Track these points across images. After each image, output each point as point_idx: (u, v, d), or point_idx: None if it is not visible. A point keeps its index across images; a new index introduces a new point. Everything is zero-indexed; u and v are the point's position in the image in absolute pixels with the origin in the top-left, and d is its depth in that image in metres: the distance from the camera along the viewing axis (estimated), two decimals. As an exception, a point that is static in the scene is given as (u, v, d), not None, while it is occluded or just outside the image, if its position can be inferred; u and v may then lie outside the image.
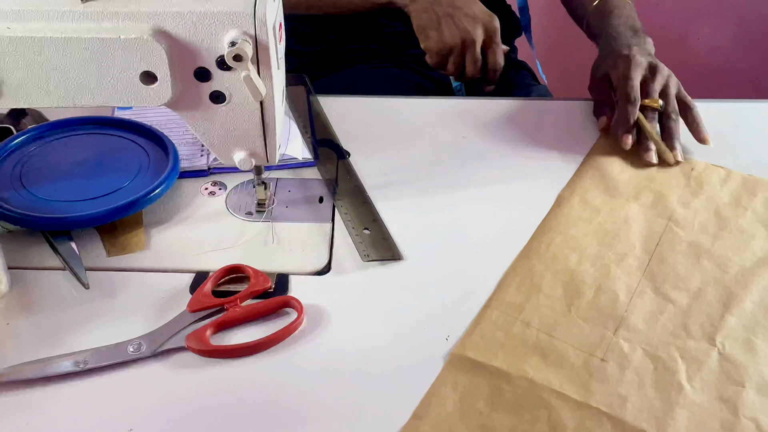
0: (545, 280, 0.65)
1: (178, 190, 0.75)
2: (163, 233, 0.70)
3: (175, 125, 0.82)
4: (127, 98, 0.58)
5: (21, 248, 0.68)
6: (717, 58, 1.96)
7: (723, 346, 0.60)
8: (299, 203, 0.75)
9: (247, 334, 0.61)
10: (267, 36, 0.56)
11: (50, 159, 0.76)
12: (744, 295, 0.64)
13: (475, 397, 0.55)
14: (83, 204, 0.70)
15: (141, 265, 0.67)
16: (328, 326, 0.62)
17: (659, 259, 0.68)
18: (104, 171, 0.74)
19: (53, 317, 0.62)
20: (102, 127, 0.80)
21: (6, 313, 0.62)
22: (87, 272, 0.65)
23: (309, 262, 0.68)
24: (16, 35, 0.55)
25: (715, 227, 0.72)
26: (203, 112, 0.61)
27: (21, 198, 0.70)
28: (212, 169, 0.78)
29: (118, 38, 0.55)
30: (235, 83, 0.59)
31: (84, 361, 0.57)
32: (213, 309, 0.62)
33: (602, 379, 0.56)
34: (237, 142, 0.64)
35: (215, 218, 0.72)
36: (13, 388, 0.56)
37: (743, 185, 0.78)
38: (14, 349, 0.59)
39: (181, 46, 0.57)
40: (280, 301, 0.63)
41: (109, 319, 0.62)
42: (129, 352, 0.58)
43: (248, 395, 0.56)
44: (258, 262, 0.66)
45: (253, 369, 0.58)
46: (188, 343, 0.59)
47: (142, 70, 0.57)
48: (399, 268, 0.67)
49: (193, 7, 0.55)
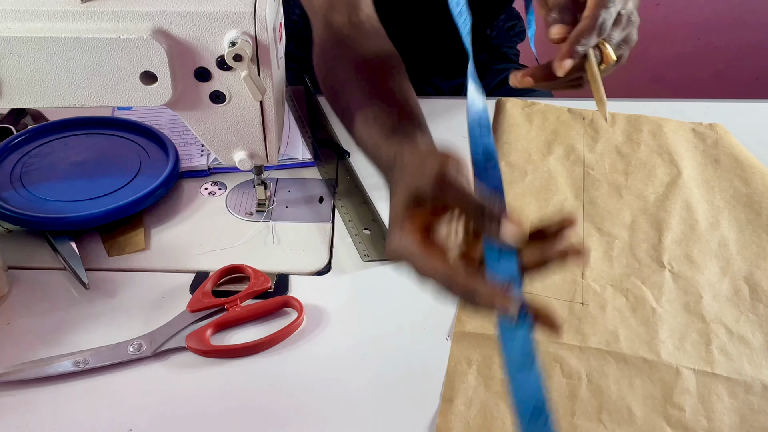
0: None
1: (178, 190, 0.75)
2: (163, 233, 0.70)
3: (175, 125, 0.82)
4: (127, 98, 0.58)
5: (21, 248, 0.68)
6: (717, 58, 1.96)
7: (671, 265, 0.68)
8: (299, 203, 0.75)
9: (247, 334, 0.61)
10: (267, 36, 0.56)
11: (50, 159, 0.76)
12: (668, 217, 0.73)
13: (489, 366, 0.58)
14: (83, 204, 0.70)
15: (141, 265, 0.67)
16: (328, 326, 0.62)
17: (590, 202, 0.75)
18: (104, 171, 0.74)
19: (53, 317, 0.62)
20: (102, 127, 0.80)
21: (6, 313, 0.62)
22: (87, 272, 0.65)
23: (309, 262, 0.68)
24: (16, 35, 0.55)
25: (622, 164, 0.80)
26: (203, 112, 0.61)
27: (21, 198, 0.70)
28: (212, 169, 0.78)
29: (118, 38, 0.55)
30: (235, 83, 0.59)
31: (84, 361, 0.57)
32: (213, 309, 0.62)
33: (590, 322, 0.62)
34: (237, 142, 0.64)
35: (215, 218, 0.72)
36: (13, 388, 0.56)
37: (628, 123, 0.86)
38: (14, 349, 0.59)
39: (181, 46, 0.57)
40: (280, 301, 0.63)
41: (109, 319, 0.62)
42: (129, 352, 0.58)
43: (248, 395, 0.56)
44: (258, 262, 0.66)
45: (253, 369, 0.58)
46: (188, 343, 0.59)
47: (142, 70, 0.57)
48: (399, 268, 0.67)
49: (193, 7, 0.55)
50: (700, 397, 0.57)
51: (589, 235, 0.71)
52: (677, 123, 0.86)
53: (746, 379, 0.58)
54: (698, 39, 1.96)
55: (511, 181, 0.77)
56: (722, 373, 0.58)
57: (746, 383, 0.58)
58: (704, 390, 0.57)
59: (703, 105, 0.88)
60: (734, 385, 0.57)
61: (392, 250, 0.51)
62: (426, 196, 0.50)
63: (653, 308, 0.63)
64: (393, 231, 0.51)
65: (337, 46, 0.74)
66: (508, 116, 0.86)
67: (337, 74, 0.72)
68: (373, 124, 0.63)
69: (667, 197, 0.75)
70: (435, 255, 0.48)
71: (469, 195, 0.49)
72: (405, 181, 0.52)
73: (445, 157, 0.52)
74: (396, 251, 0.50)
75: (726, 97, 1.00)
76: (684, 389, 0.57)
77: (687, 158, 0.80)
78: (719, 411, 0.56)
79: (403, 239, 0.50)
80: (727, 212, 0.74)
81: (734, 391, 0.57)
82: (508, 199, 0.74)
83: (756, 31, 1.92)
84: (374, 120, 0.64)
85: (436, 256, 0.48)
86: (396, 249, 0.50)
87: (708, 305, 0.64)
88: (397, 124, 0.62)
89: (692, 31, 1.94)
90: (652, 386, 0.57)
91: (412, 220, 0.51)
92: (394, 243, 0.50)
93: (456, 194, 0.49)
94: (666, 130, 0.84)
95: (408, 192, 0.51)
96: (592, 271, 0.67)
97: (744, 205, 0.74)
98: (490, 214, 0.48)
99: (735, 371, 0.58)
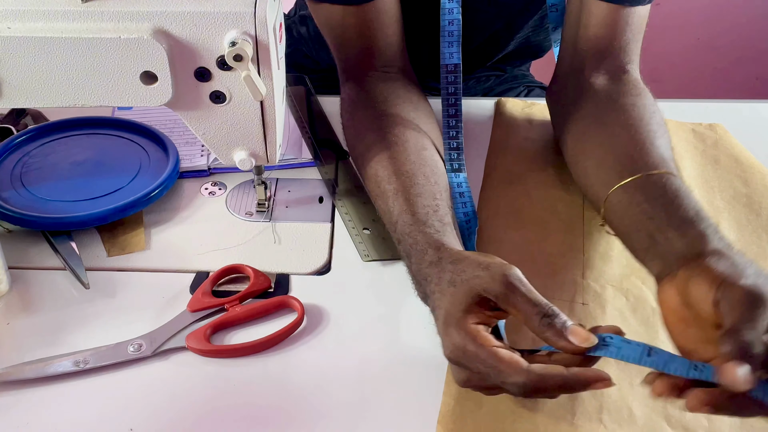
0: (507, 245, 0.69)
1: (178, 190, 0.75)
2: (163, 233, 0.70)
3: (175, 125, 0.82)
4: (127, 98, 0.58)
5: (21, 248, 0.68)
6: (717, 58, 1.96)
7: None
8: (299, 203, 0.75)
9: (247, 334, 0.61)
10: (267, 36, 0.56)
11: (50, 159, 0.76)
12: None
13: None
14: (83, 204, 0.70)
15: (141, 265, 0.67)
16: (328, 326, 0.62)
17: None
18: (104, 171, 0.74)
19: (53, 317, 0.62)
20: (102, 127, 0.80)
21: (6, 313, 0.62)
22: (87, 272, 0.65)
23: (309, 262, 0.68)
24: (16, 35, 0.55)
25: None
26: (203, 112, 0.61)
27: (21, 198, 0.70)
28: (212, 169, 0.78)
29: (118, 38, 0.55)
30: (235, 83, 0.59)
31: (84, 361, 0.57)
32: (213, 309, 0.62)
33: (591, 322, 0.61)
34: (237, 142, 0.64)
35: (215, 218, 0.72)
36: (13, 388, 0.56)
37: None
38: (14, 349, 0.59)
39: (182, 46, 0.57)
40: (280, 301, 0.63)
41: (109, 319, 0.62)
42: (129, 352, 0.58)
43: (248, 395, 0.56)
44: (258, 262, 0.66)
45: (253, 369, 0.58)
46: (188, 343, 0.59)
47: (142, 70, 0.57)
48: (399, 268, 0.67)
49: (193, 7, 0.55)
50: None
51: (590, 235, 0.71)
52: (677, 123, 0.86)
53: None
54: (698, 39, 1.96)
55: (510, 182, 0.77)
56: None
57: None
58: None
59: (703, 105, 0.88)
60: None
61: (460, 348, 0.50)
62: (494, 296, 0.50)
63: (653, 308, 0.63)
64: (459, 328, 0.50)
65: (366, 109, 0.73)
66: (507, 116, 0.86)
67: (364, 141, 0.71)
68: (399, 204, 0.62)
69: None
70: (514, 359, 0.48)
71: (537, 301, 0.49)
72: (469, 281, 0.52)
73: (505, 263, 0.52)
74: (464, 350, 0.49)
75: (726, 97, 1.00)
76: None
77: (687, 158, 0.80)
78: None
79: (478, 339, 0.49)
80: (727, 212, 0.74)
81: None
82: (508, 197, 0.74)
83: (756, 31, 1.92)
84: (401, 200, 0.63)
85: (515, 360, 0.48)
86: (464, 347, 0.49)
87: None
88: (428, 215, 0.61)
89: (692, 31, 1.94)
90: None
91: (475, 318, 0.51)
92: (464, 341, 0.49)
93: (523, 298, 0.49)
94: None
95: (474, 290, 0.51)
96: (592, 271, 0.67)
97: (744, 206, 0.74)
98: (555, 324, 0.48)
99: None
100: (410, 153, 0.67)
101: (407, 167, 0.65)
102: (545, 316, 0.49)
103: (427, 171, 0.65)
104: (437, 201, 0.63)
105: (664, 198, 0.59)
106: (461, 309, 0.51)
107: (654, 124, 0.67)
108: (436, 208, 0.62)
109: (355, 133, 0.74)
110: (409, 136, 0.68)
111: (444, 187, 0.66)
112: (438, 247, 0.57)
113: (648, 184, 0.60)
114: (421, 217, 0.60)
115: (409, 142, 0.68)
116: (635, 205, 0.60)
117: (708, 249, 0.52)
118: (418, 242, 0.59)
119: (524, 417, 0.54)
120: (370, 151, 0.69)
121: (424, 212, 0.61)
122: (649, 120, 0.67)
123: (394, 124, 0.70)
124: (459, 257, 0.55)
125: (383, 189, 0.65)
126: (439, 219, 0.61)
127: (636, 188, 0.61)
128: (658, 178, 0.60)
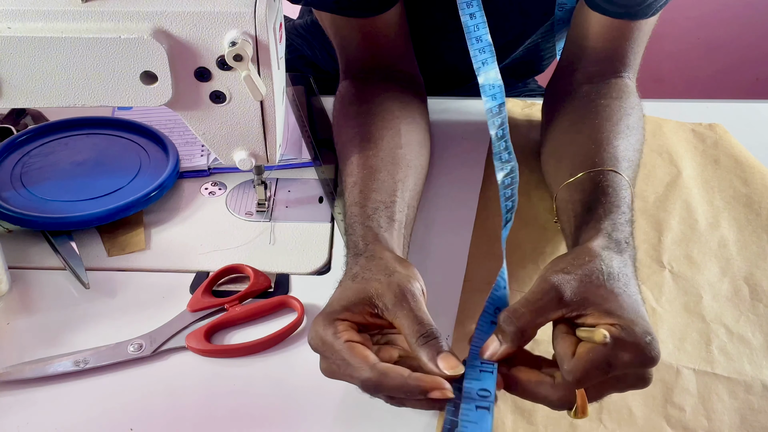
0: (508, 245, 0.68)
1: (178, 190, 0.75)
2: (163, 233, 0.70)
3: (175, 125, 0.82)
4: (127, 98, 0.58)
5: (21, 248, 0.68)
6: (717, 58, 1.96)
7: (671, 265, 0.68)
8: (299, 203, 0.75)
9: (247, 334, 0.61)
10: (267, 36, 0.56)
11: (50, 159, 0.76)
12: (668, 217, 0.73)
13: None
14: (83, 204, 0.70)
15: (141, 265, 0.67)
16: (328, 326, 0.61)
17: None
18: (104, 171, 0.74)
19: (53, 317, 0.62)
20: (102, 127, 0.80)
21: (6, 313, 0.62)
22: (87, 272, 0.65)
23: (309, 262, 0.68)
24: (16, 35, 0.55)
25: None
26: (203, 112, 0.61)
27: (21, 198, 0.70)
28: (212, 169, 0.78)
29: (118, 38, 0.55)
30: (235, 83, 0.59)
31: (84, 360, 0.57)
32: (213, 309, 0.62)
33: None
34: (237, 142, 0.64)
35: (215, 218, 0.72)
36: (13, 388, 0.56)
37: None
38: (14, 349, 0.59)
39: (182, 46, 0.57)
40: (280, 301, 0.63)
41: (109, 319, 0.62)
42: (129, 352, 0.58)
43: (248, 395, 0.56)
44: (258, 262, 0.66)
45: (253, 369, 0.58)
46: (188, 343, 0.59)
47: (142, 70, 0.57)
48: (399, 268, 0.67)
49: (193, 7, 0.55)
50: (701, 397, 0.57)
51: None
52: (677, 123, 0.86)
53: (746, 378, 0.58)
54: (698, 39, 1.96)
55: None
56: (722, 373, 0.58)
57: (746, 383, 0.58)
58: (704, 390, 0.57)
59: (703, 105, 0.88)
60: (734, 385, 0.58)
61: (319, 337, 0.50)
62: (382, 304, 0.50)
63: (653, 308, 0.63)
64: (326, 320, 0.51)
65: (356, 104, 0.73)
66: (507, 116, 0.86)
67: (347, 131, 0.71)
68: (358, 192, 0.63)
69: (666, 197, 0.75)
70: (364, 354, 0.48)
71: (422, 320, 0.49)
72: (366, 281, 0.52)
73: (415, 276, 0.52)
74: (323, 339, 0.50)
75: (726, 97, 1.00)
76: (684, 389, 0.57)
77: (687, 158, 0.80)
78: (719, 411, 0.56)
79: (338, 332, 0.49)
80: (727, 212, 0.74)
81: (734, 391, 0.57)
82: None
83: (756, 31, 1.92)
84: (361, 189, 0.63)
85: (365, 355, 0.48)
86: (323, 337, 0.50)
87: (708, 305, 0.64)
88: (378, 210, 0.61)
89: (692, 31, 1.94)
90: (652, 386, 0.56)
91: (351, 316, 0.51)
92: (325, 332, 0.50)
93: (409, 314, 0.49)
94: (666, 130, 0.84)
95: (365, 292, 0.51)
96: None
97: (744, 205, 0.74)
98: (431, 345, 0.48)
99: (735, 371, 0.59)
100: (381, 149, 0.67)
101: (372, 162, 0.66)
102: (424, 336, 0.48)
103: (393, 169, 0.65)
104: (394, 198, 0.62)
105: (592, 195, 0.60)
106: (343, 304, 0.51)
107: (622, 125, 0.67)
108: (389, 204, 0.61)
109: (338, 127, 0.75)
110: (386, 134, 0.69)
111: (411, 187, 0.66)
112: (369, 241, 0.57)
113: (586, 182, 0.61)
114: (368, 211, 0.60)
115: (384, 139, 0.68)
116: (570, 204, 0.62)
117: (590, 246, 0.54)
118: (356, 233, 0.59)
119: (524, 417, 0.54)
120: (346, 146, 0.70)
121: (373, 207, 0.61)
122: (618, 121, 0.67)
123: (375, 121, 0.70)
124: (377, 255, 0.55)
125: (346, 182, 0.66)
126: (388, 215, 0.60)
127: (576, 187, 0.62)
128: (596, 176, 0.61)
